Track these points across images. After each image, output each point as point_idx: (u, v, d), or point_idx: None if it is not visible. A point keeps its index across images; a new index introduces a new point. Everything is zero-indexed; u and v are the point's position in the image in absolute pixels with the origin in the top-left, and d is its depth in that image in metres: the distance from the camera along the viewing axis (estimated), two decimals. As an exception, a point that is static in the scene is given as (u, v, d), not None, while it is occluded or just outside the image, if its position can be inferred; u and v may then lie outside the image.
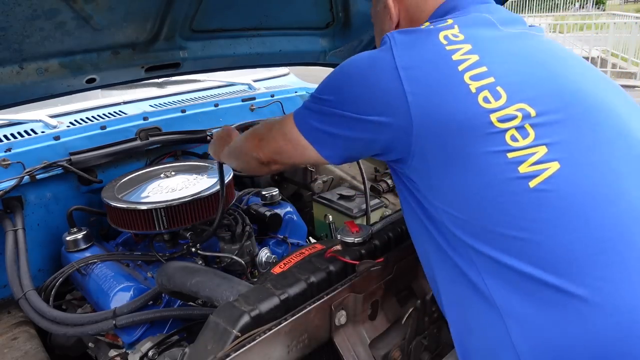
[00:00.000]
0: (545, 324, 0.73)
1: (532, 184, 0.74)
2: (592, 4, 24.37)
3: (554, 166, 0.75)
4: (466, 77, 0.80)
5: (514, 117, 0.77)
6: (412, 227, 0.97)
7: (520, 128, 0.77)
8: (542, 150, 0.76)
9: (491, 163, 0.77)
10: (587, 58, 10.25)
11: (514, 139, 0.76)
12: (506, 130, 0.77)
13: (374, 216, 1.78)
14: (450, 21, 0.88)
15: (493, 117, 0.77)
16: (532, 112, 0.78)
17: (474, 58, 0.81)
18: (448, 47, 0.82)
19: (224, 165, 1.38)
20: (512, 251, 0.75)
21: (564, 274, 0.72)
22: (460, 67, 0.80)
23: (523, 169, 0.75)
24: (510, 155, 0.76)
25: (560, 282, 0.72)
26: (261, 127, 1.08)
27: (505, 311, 0.76)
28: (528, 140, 0.76)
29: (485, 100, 0.78)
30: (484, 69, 0.80)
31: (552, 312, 0.72)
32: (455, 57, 0.81)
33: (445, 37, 0.84)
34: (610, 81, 0.91)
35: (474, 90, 0.79)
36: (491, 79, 0.79)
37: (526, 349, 0.74)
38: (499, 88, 0.79)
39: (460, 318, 0.87)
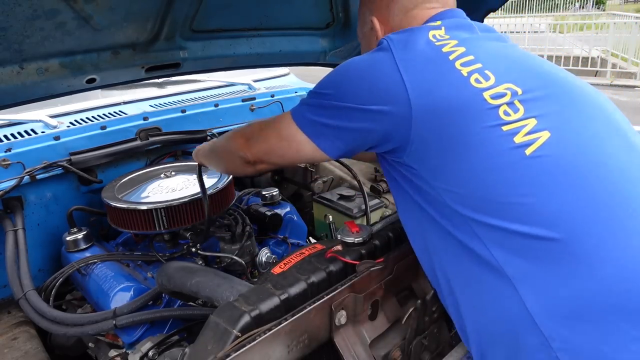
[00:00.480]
0: (556, 282, 0.76)
1: (528, 151, 0.81)
2: (592, 4, 24.38)
3: (545, 135, 0.82)
4: (457, 64, 0.88)
5: (504, 94, 0.85)
6: (409, 218, 0.99)
7: (510, 104, 0.84)
8: (532, 122, 0.83)
9: (489, 137, 0.83)
10: (587, 58, 10.26)
11: (506, 113, 0.84)
12: (499, 106, 0.84)
13: (374, 216, 1.78)
14: (439, 22, 0.97)
15: (486, 95, 0.85)
16: (519, 91, 0.86)
17: (461, 50, 0.90)
18: (437, 43, 0.91)
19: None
20: (516, 217, 0.79)
21: (567, 231, 0.76)
22: (451, 57, 0.89)
23: (518, 139, 0.81)
24: (505, 128, 0.83)
25: (565, 238, 0.76)
26: (248, 127, 1.11)
27: (516, 278, 0.78)
28: (519, 114, 0.84)
29: (477, 81, 0.86)
30: (471, 57, 0.89)
31: (561, 269, 0.76)
32: (444, 49, 0.90)
33: (434, 36, 0.93)
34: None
35: (465, 74, 0.87)
36: (479, 65, 0.88)
37: (542, 312, 0.76)
38: (487, 71, 0.87)
39: (472, 301, 0.88)
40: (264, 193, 1.74)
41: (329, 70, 1.01)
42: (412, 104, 0.85)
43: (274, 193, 1.75)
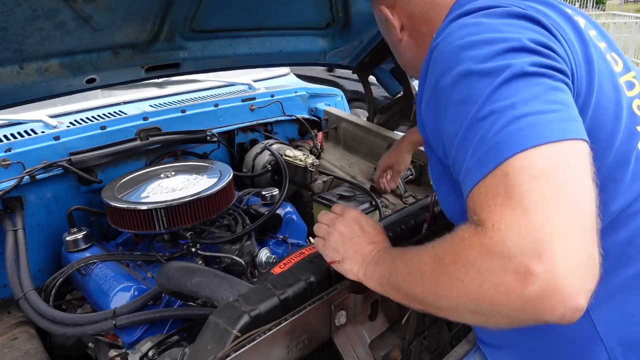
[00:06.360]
0: (632, 309, 0.72)
1: None
2: (592, 4, 24.38)
3: None
4: (590, 34, 0.76)
5: (633, 85, 0.75)
6: None
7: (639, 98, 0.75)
8: None
9: (629, 137, 0.71)
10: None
11: (639, 108, 0.74)
12: (633, 99, 0.74)
13: (373, 217, 1.78)
14: None
15: (622, 82, 0.74)
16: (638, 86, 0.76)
17: (582, 20, 0.78)
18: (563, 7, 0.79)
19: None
20: (612, 231, 0.71)
21: None
22: (581, 25, 0.76)
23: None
24: (638, 128, 0.72)
25: None
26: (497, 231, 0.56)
27: (593, 304, 0.69)
28: None
29: (615, 61, 0.75)
30: (594, 32, 0.78)
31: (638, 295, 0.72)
32: (571, 13, 0.78)
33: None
34: None
35: (603, 49, 0.75)
36: (605, 43, 0.77)
37: (613, 337, 0.72)
38: (612, 54, 0.77)
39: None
40: (264, 193, 1.74)
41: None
42: (575, 72, 0.68)
43: (274, 193, 1.74)
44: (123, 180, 1.58)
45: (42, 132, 1.69)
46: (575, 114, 0.61)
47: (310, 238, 1.91)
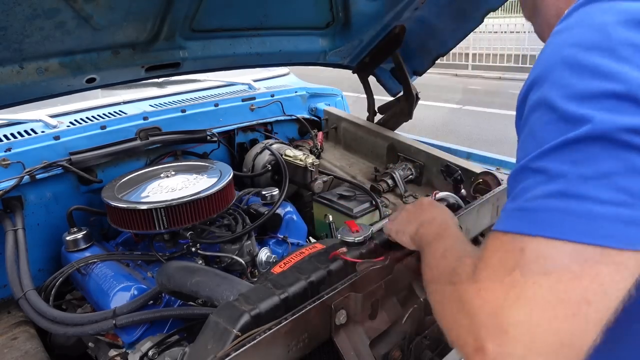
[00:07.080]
0: None
1: None
2: (592, 4, 24.35)
3: None
4: None
5: None
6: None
7: None
8: None
9: None
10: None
11: None
12: None
13: (373, 217, 1.78)
14: None
15: None
16: None
17: None
18: None
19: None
20: None
21: None
22: None
23: None
24: None
25: None
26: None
27: None
28: None
29: None
30: None
31: None
32: None
33: None
34: None
35: None
36: None
37: None
38: None
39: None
40: (264, 193, 1.74)
41: (329, 70, 0.96)
42: None
43: (274, 193, 1.74)
44: (123, 180, 1.58)
45: (42, 131, 1.69)
46: None
47: (311, 238, 1.91)
